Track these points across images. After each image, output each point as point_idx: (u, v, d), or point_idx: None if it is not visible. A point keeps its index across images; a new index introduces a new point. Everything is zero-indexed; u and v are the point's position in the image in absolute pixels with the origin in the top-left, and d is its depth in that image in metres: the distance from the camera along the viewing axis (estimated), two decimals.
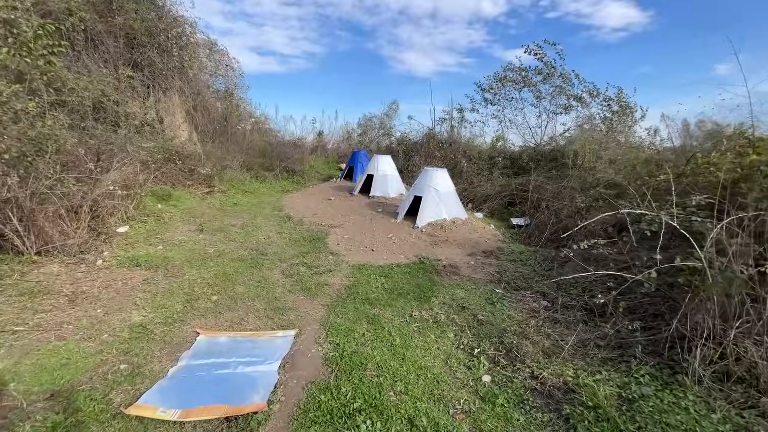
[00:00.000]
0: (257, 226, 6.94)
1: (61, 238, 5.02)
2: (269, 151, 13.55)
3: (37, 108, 5.73)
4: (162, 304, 3.76)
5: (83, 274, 4.50)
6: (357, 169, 11.59)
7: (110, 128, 7.92)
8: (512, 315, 3.70)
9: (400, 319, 3.63)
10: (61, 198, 5.16)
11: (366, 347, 3.09)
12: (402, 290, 4.33)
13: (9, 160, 4.52)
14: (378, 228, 6.93)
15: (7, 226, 4.46)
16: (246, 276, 4.62)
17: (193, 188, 9.08)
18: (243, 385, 2.52)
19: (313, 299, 4.06)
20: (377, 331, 3.36)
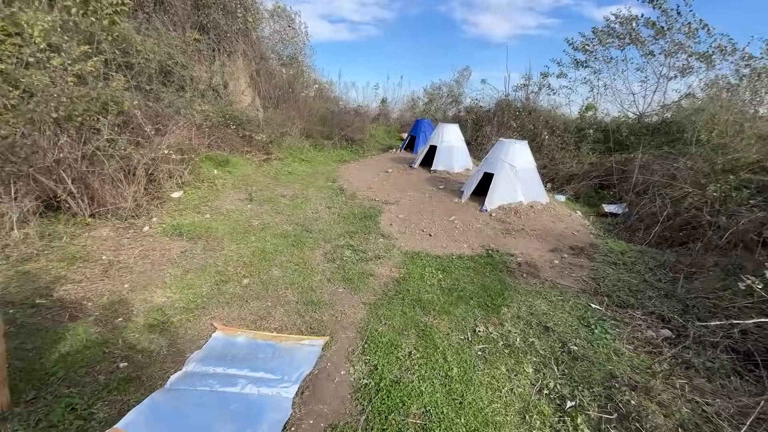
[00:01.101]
0: (307, 198, 6.45)
1: (114, 202, 4.92)
2: (330, 119, 13.03)
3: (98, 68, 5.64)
4: (190, 284, 3.38)
5: (128, 241, 4.33)
6: (419, 139, 10.57)
7: (175, 92, 7.84)
8: (620, 349, 2.65)
9: (460, 336, 2.80)
10: (116, 160, 5.05)
11: (412, 375, 2.34)
12: (463, 292, 3.47)
13: (59, 119, 4.41)
14: (438, 208, 6.02)
15: (60, 187, 4.39)
16: (285, 256, 4.11)
17: (251, 155, 8.89)
18: (246, 417, 1.93)
19: (353, 293, 3.39)
20: (428, 352, 2.58)
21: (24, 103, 4.24)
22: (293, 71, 14.04)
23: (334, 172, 8.69)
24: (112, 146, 5.03)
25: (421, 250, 4.45)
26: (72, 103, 4.61)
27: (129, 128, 5.78)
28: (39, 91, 4.31)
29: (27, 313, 2.73)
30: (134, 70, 7.13)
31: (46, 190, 4.29)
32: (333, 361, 2.45)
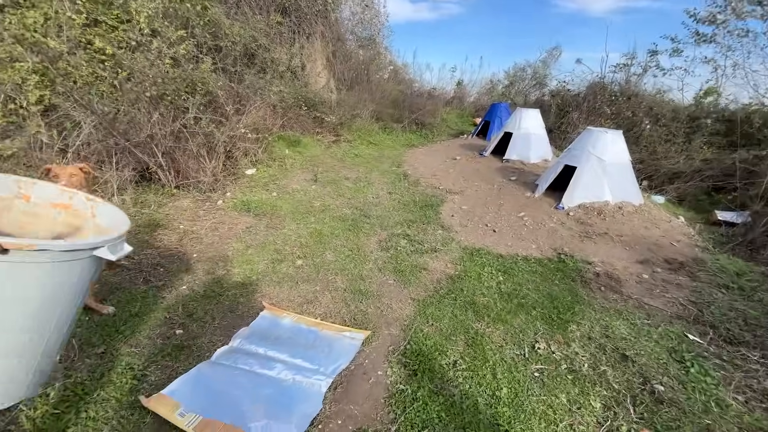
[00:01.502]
0: (370, 182, 6.39)
1: (195, 176, 5.35)
2: (401, 102, 12.79)
3: (190, 51, 6.12)
4: (248, 260, 3.52)
5: (203, 213, 4.68)
6: (494, 124, 9.85)
7: (257, 74, 8.25)
8: (725, 399, 2.12)
9: (515, 350, 2.49)
10: (200, 137, 5.47)
11: (454, 388, 2.12)
12: (525, 300, 3.10)
13: (152, 98, 4.87)
14: (507, 202, 5.52)
15: (152, 160, 4.88)
16: (340, 240, 4.09)
17: (321, 136, 9.11)
18: (277, 403, 1.91)
19: (403, 287, 3.23)
20: (476, 364, 2.33)
21: (126, 83, 4.75)
22: (370, 53, 13.99)
23: (400, 157, 8.51)
24: (197, 124, 5.45)
25: (483, 246, 4.11)
26: (164, 84, 5.06)
27: (212, 108, 6.23)
28: (137, 72, 4.79)
29: (110, 273, 3.07)
30: (222, 53, 7.63)
31: (141, 162, 4.79)
32: (371, 358, 2.34)
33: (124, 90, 4.63)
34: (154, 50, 5.19)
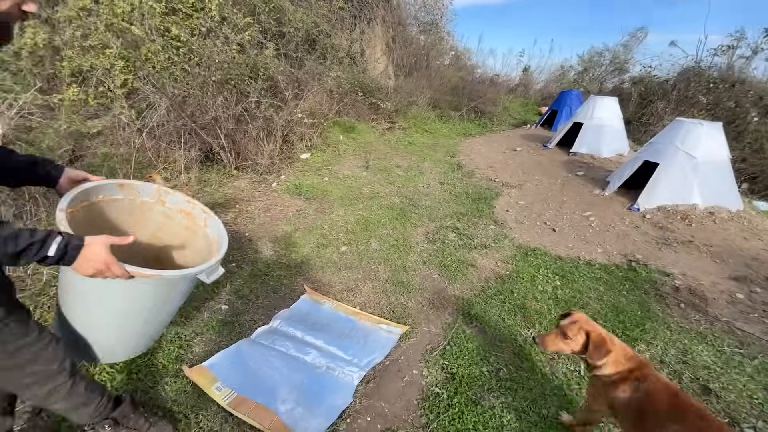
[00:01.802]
0: (422, 171, 6.21)
1: (254, 158, 5.57)
2: (461, 89, 12.27)
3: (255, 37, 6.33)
4: (295, 242, 3.57)
5: (258, 194, 4.87)
6: (561, 114, 9.05)
7: (316, 60, 8.35)
8: None
9: (569, 366, 2.23)
10: (259, 121, 5.68)
11: (495, 399, 1.94)
12: (585, 309, 2.77)
13: (218, 82, 5.11)
14: (571, 199, 5.03)
15: (215, 141, 5.15)
16: (386, 229, 4.00)
17: (376, 123, 9.05)
18: (308, 390, 1.89)
19: (448, 282, 3.06)
20: (522, 376, 2.12)
21: (196, 68, 5.03)
22: (431, 38, 13.57)
23: (456, 146, 8.18)
24: (258, 108, 5.65)
25: (539, 246, 3.77)
26: (229, 68, 5.29)
27: (272, 92, 6.43)
28: (205, 57, 5.05)
29: None
30: (284, 39, 7.81)
31: (205, 143, 5.08)
32: (407, 355, 2.23)
33: (193, 74, 4.90)
34: (222, 36, 5.42)
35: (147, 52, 4.89)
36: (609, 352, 1.48)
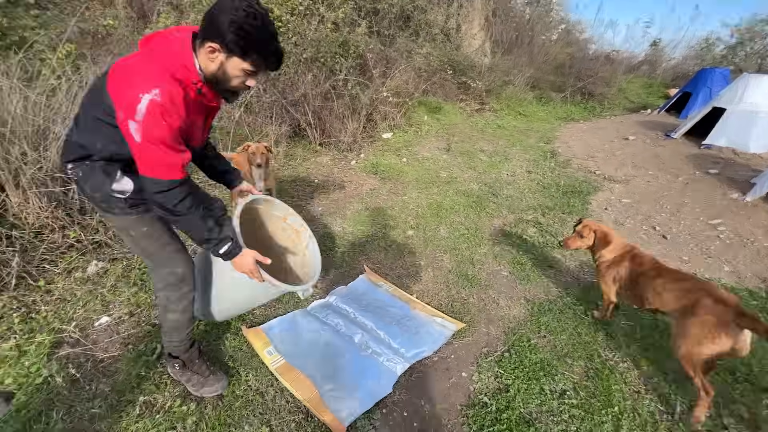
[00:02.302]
0: (508, 157, 5.70)
1: (337, 135, 5.73)
2: (567, 67, 10.88)
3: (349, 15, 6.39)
4: (363, 221, 3.58)
5: (337, 171, 5.01)
6: (697, 97, 7.42)
7: (409, 37, 8.14)
8: None
9: (657, 404, 1.82)
10: (345, 99, 5.79)
11: (554, 424, 1.68)
12: None
13: (308, 59, 5.29)
14: (695, 201, 4.11)
15: (303, 118, 5.40)
16: (459, 217, 3.77)
17: (464, 103, 8.57)
18: (350, 372, 1.87)
19: (518, 282, 2.76)
20: (592, 404, 1.80)
21: (289, 46, 5.26)
22: (537, 11, 12.25)
23: (553, 132, 7.33)
24: (344, 86, 5.74)
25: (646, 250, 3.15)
26: (320, 46, 5.43)
27: (360, 70, 6.46)
28: (298, 36, 5.24)
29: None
30: (378, 15, 7.75)
31: (294, 119, 5.36)
32: (459, 355, 2.06)
33: (286, 53, 5.13)
34: (318, 15, 5.56)
35: None
36: (610, 242, 2.13)
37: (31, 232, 2.40)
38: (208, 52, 1.17)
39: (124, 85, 1.15)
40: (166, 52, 1.18)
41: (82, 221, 2.67)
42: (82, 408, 1.62)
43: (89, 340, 1.96)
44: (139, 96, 1.10)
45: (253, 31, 1.13)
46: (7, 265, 2.18)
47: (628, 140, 6.41)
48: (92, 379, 1.76)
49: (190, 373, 1.73)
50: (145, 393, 1.70)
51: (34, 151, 2.52)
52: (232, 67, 1.19)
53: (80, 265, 2.44)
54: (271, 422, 1.64)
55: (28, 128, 2.53)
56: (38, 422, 1.55)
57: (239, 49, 1.15)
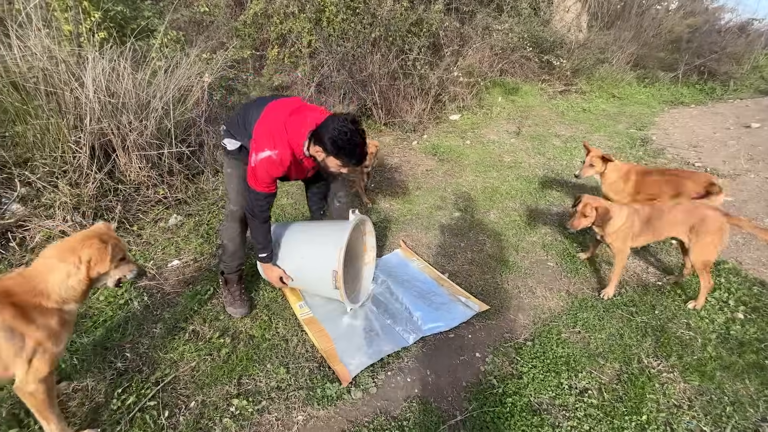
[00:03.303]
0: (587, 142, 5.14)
1: (403, 115, 5.77)
2: (684, 42, 9.20)
3: None
4: (412, 200, 3.62)
5: (398, 150, 5.08)
6: None
7: (492, 12, 7.66)
8: None
9: (701, 424, 1.59)
10: (413, 79, 5.75)
11: (565, 420, 1.58)
12: None
13: (376, 39, 5.34)
14: None
15: (369, 97, 5.54)
16: (514, 203, 3.59)
17: (547, 84, 7.87)
18: (365, 335, 1.98)
19: (564, 275, 2.56)
20: (617, 409, 1.64)
21: (360, 26, 5.36)
22: None
23: (651, 117, 6.39)
24: (413, 65, 5.68)
25: (734, 261, 2.66)
26: (389, 24, 5.43)
27: (432, 49, 6.32)
28: (369, 15, 5.31)
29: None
30: None
31: (361, 99, 5.52)
32: (477, 336, 2.02)
33: (355, 32, 5.25)
34: None
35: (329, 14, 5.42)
36: (611, 217, 2.17)
37: (131, 187, 2.95)
38: (317, 151, 1.76)
39: (263, 134, 1.75)
40: (296, 131, 1.75)
41: (169, 181, 3.18)
42: (148, 326, 2.01)
43: (162, 277, 2.38)
44: (265, 148, 1.71)
45: (345, 145, 1.66)
46: (112, 211, 2.73)
47: (750, 128, 5.28)
48: (158, 307, 2.15)
49: (227, 292, 2.13)
50: (195, 324, 2.03)
51: (138, 121, 3.05)
52: (330, 161, 1.76)
53: (164, 217, 2.93)
54: (289, 365, 1.83)
55: (134, 102, 3.06)
56: (117, 331, 1.96)
57: (333, 154, 1.70)
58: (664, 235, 2.29)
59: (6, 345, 1.21)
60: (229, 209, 2.05)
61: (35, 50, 2.83)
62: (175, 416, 1.58)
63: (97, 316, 2.03)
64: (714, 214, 2.10)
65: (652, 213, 2.21)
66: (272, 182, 1.81)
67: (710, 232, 2.07)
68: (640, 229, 2.20)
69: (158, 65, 3.43)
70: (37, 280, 1.30)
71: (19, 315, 1.23)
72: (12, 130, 2.81)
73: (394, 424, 1.55)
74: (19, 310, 1.23)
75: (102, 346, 1.87)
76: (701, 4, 11.54)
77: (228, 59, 3.98)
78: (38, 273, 1.31)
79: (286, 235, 2.14)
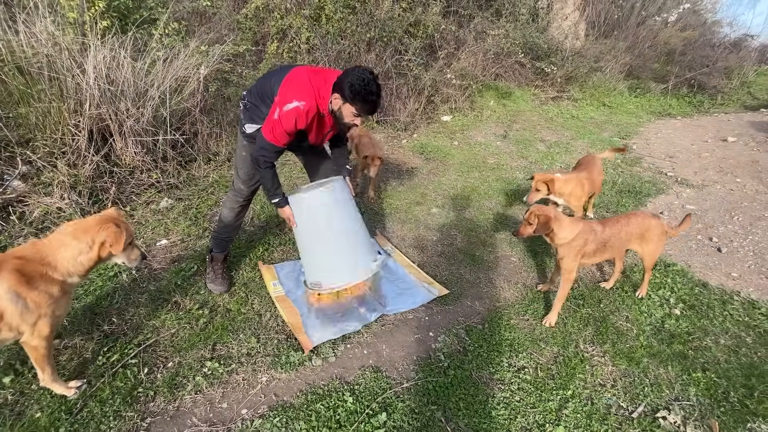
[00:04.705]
0: (569, 149, 5.36)
1: (395, 114, 5.95)
2: (676, 54, 9.41)
3: None
4: (393, 195, 3.80)
5: (388, 148, 5.25)
6: None
7: (490, 17, 7.81)
8: None
9: (620, 401, 1.79)
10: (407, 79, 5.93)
11: (499, 392, 1.79)
12: (698, 353, 2.07)
13: (371, 39, 5.51)
14: None
15: None
16: (490, 202, 3.78)
17: (540, 90, 8.06)
18: (332, 314, 2.18)
19: (522, 271, 2.76)
20: (547, 385, 1.84)
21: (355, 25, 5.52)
22: None
23: (636, 126, 6.60)
24: (407, 66, 5.85)
25: (682, 264, 2.86)
26: (384, 26, 5.59)
27: (427, 51, 6.49)
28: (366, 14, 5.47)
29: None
30: None
31: None
32: (434, 319, 2.22)
33: (351, 31, 5.42)
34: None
35: (330, 13, 5.56)
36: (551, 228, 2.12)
37: (126, 170, 3.13)
38: (335, 98, 1.82)
39: (289, 90, 1.82)
40: (321, 87, 1.84)
41: (163, 167, 3.37)
42: (134, 297, 2.21)
43: (150, 254, 2.57)
44: (293, 100, 1.79)
45: (361, 90, 1.74)
46: (107, 192, 2.92)
47: (726, 142, 5.49)
48: (145, 281, 2.34)
49: (210, 269, 2.34)
50: (177, 296, 2.23)
51: (135, 108, 3.22)
52: (345, 109, 1.83)
53: (155, 200, 3.12)
54: (260, 336, 2.03)
55: (132, 90, 3.23)
56: (105, 300, 2.15)
57: (350, 99, 1.77)
58: (622, 252, 2.41)
59: (11, 307, 1.36)
60: (237, 187, 2.19)
61: (40, 36, 3.01)
62: (154, 373, 1.77)
63: (89, 285, 2.23)
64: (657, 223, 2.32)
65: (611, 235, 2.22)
66: (290, 136, 1.87)
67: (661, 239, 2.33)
68: (594, 249, 2.21)
69: (158, 55, 3.59)
70: (47, 252, 1.45)
71: (24, 281, 1.37)
72: (15, 112, 2.99)
73: (346, 387, 1.75)
74: (25, 277, 1.37)
75: (92, 311, 2.07)
76: (699, 18, 11.74)
77: (225, 53, 4.13)
78: (51, 246, 1.46)
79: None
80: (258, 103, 1.97)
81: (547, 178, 2.85)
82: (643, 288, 2.50)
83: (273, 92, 1.88)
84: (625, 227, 2.27)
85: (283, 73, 1.90)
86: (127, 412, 1.59)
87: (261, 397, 1.71)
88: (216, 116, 4.04)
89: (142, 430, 1.54)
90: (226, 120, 4.11)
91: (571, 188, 2.87)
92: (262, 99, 1.96)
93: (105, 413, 1.58)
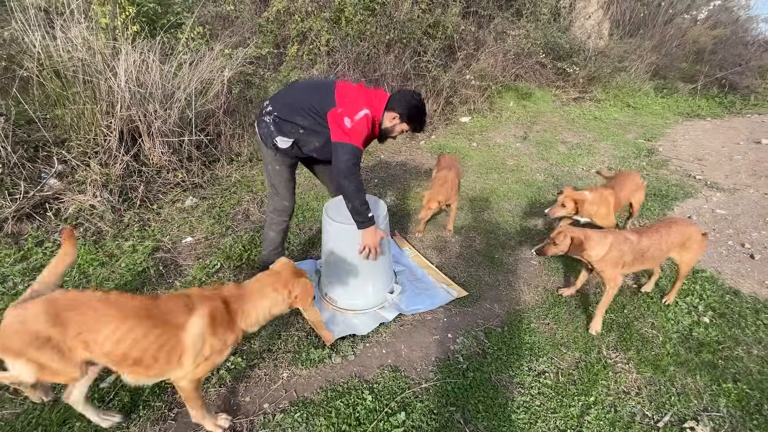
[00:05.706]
0: (592, 151, 5.24)
1: None
2: (706, 53, 9.07)
3: None
4: (411, 197, 3.81)
5: (406, 149, 5.28)
6: None
7: (510, 17, 7.72)
8: None
9: (644, 409, 1.74)
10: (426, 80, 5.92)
11: (519, 396, 1.77)
12: (728, 363, 1.99)
13: (390, 40, 5.53)
14: None
15: None
16: (510, 204, 3.74)
17: (561, 91, 7.91)
18: (356, 314, 2.20)
19: (543, 274, 2.72)
20: (568, 391, 1.80)
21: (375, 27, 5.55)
22: None
23: (663, 128, 6.39)
24: (426, 67, 5.85)
25: (713, 271, 2.76)
26: (403, 27, 5.61)
27: (447, 52, 6.47)
28: (384, 17, 5.50)
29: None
30: None
31: None
32: (453, 320, 2.21)
33: (371, 33, 5.45)
34: None
35: (350, 15, 5.61)
36: (584, 249, 2.04)
37: (154, 169, 3.25)
38: (391, 117, 1.99)
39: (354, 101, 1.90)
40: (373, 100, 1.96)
41: (188, 166, 3.47)
42: (161, 291, 2.28)
43: (176, 251, 2.65)
44: (362, 107, 1.88)
45: (417, 113, 1.97)
46: (135, 190, 3.03)
47: (759, 144, 5.25)
48: (171, 276, 2.42)
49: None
50: None
51: (162, 110, 3.34)
52: (400, 127, 2.03)
53: (181, 198, 3.22)
54: (281, 333, 2.07)
55: (160, 92, 3.35)
56: (134, 292, 2.23)
57: (406, 119, 1.98)
58: (662, 261, 2.33)
59: (192, 351, 1.29)
60: (280, 206, 2.18)
61: (75, 41, 3.15)
62: None
63: (118, 279, 2.32)
64: (696, 230, 2.26)
65: (650, 245, 2.13)
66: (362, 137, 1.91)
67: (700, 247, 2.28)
68: (632, 259, 2.11)
69: (184, 58, 3.71)
70: (244, 300, 1.40)
71: (213, 326, 1.31)
72: (52, 113, 3.15)
73: (365, 385, 1.76)
74: (215, 321, 1.32)
75: None
76: (731, 15, 11.28)
77: (248, 56, 4.23)
78: (252, 295, 1.42)
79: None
80: (289, 117, 1.96)
81: (577, 197, 2.64)
82: (671, 295, 2.42)
83: (313, 106, 1.91)
84: (666, 237, 2.16)
85: (323, 87, 1.96)
86: (156, 402, 1.65)
87: (282, 392, 1.74)
88: (239, 117, 4.13)
89: (169, 420, 1.60)
90: (248, 121, 4.20)
91: (596, 209, 2.67)
92: (296, 111, 1.95)
93: (135, 403, 1.64)
